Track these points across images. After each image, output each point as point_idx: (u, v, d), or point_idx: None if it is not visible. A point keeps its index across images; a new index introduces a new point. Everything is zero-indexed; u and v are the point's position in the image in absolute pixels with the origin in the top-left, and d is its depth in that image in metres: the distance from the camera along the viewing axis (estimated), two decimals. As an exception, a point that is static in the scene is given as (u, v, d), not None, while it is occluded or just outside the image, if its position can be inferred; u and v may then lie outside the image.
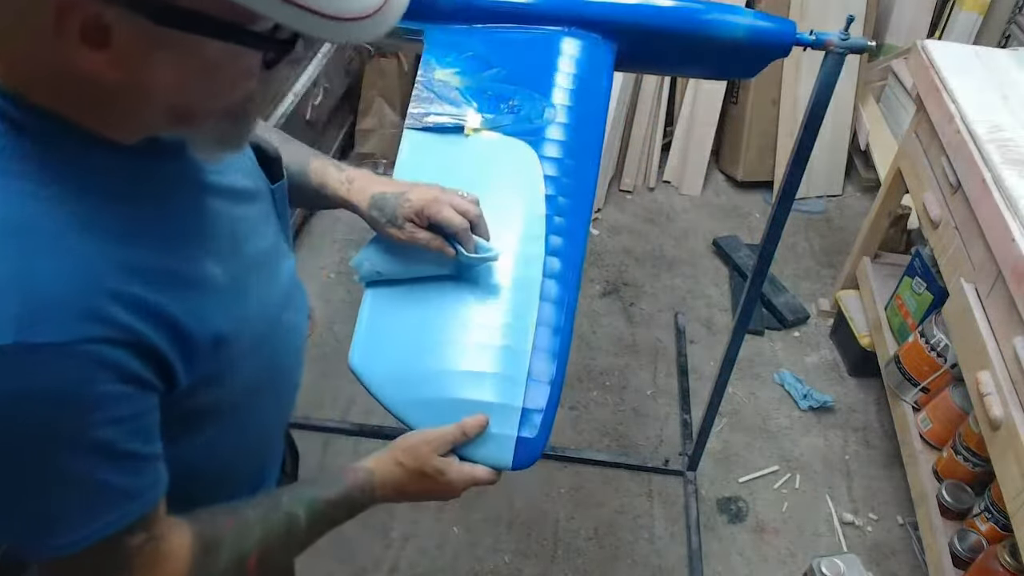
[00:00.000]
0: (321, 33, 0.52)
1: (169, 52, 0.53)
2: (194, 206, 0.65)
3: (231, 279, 0.66)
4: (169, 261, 0.60)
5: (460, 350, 0.93)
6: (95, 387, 0.55)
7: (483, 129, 1.11)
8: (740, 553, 1.90)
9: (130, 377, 0.57)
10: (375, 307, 0.97)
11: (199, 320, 0.62)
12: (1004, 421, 1.46)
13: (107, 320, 0.55)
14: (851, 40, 1.25)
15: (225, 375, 0.66)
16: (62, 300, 0.53)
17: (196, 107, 0.58)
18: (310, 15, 0.50)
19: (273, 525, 0.75)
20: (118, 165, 0.59)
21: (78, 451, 0.56)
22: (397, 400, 0.90)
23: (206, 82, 0.56)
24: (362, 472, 0.84)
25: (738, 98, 2.91)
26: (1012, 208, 1.54)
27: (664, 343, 2.40)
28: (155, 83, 0.54)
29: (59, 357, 0.53)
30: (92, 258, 0.55)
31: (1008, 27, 2.79)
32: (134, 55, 0.52)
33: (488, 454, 0.87)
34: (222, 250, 0.66)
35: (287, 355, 0.79)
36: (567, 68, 1.19)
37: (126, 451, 0.59)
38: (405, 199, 0.93)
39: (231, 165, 0.70)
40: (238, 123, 0.62)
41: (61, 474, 0.56)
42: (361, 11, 0.52)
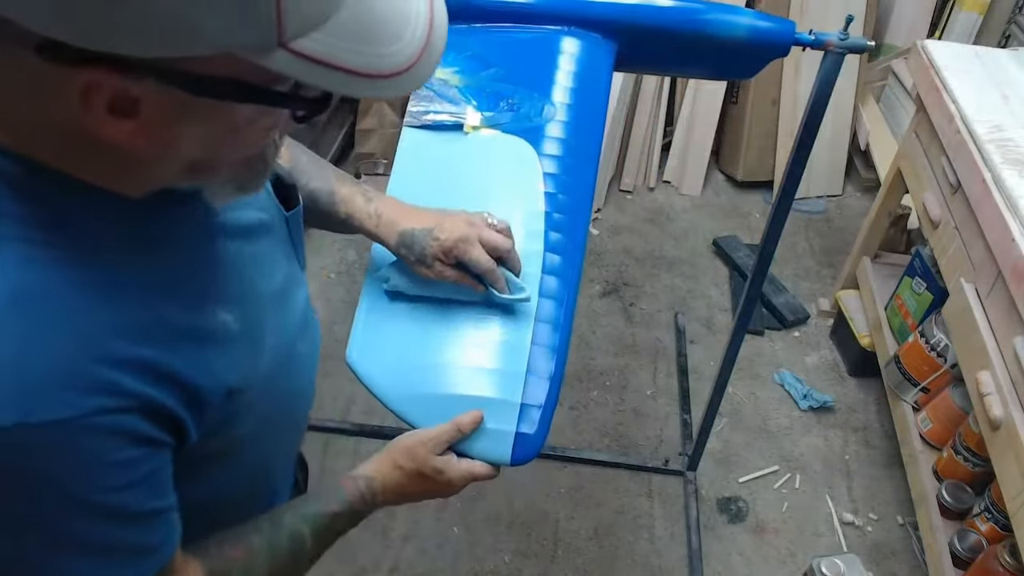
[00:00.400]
0: (354, 91, 0.50)
1: (198, 117, 0.51)
2: (203, 251, 0.63)
3: (245, 324, 0.64)
4: (177, 316, 0.58)
5: (458, 346, 0.93)
6: (106, 456, 0.54)
7: (482, 127, 1.11)
8: (740, 553, 1.90)
9: (141, 440, 0.56)
10: (372, 303, 0.97)
11: (210, 375, 0.60)
12: (1004, 421, 1.46)
13: (113, 389, 0.53)
14: (850, 40, 1.25)
15: (237, 419, 0.65)
16: (64, 375, 0.51)
17: (216, 161, 0.56)
18: (345, 74, 0.48)
19: (280, 549, 0.74)
20: (123, 217, 0.56)
21: (94, 519, 0.56)
22: (394, 396, 0.90)
23: (232, 140, 0.55)
24: (361, 480, 0.84)
25: (738, 98, 2.91)
26: (1012, 208, 1.54)
27: (664, 343, 2.40)
28: (180, 146, 0.53)
29: (65, 433, 0.52)
30: (95, 324, 0.53)
31: (1008, 27, 2.79)
32: (162, 122, 0.50)
33: (487, 450, 0.87)
34: (235, 295, 0.64)
35: (300, 385, 0.78)
36: (567, 67, 1.19)
37: (141, 511, 0.58)
38: (433, 238, 0.90)
39: (244, 200, 0.67)
40: (256, 169, 0.60)
41: (77, 543, 0.56)
42: (396, 67, 0.50)
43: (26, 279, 0.51)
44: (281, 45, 0.46)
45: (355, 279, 2.43)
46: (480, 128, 1.11)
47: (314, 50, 0.47)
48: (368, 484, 0.84)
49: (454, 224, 0.91)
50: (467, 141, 1.11)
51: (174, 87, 0.47)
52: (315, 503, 0.80)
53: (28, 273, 0.51)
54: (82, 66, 0.46)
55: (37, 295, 0.51)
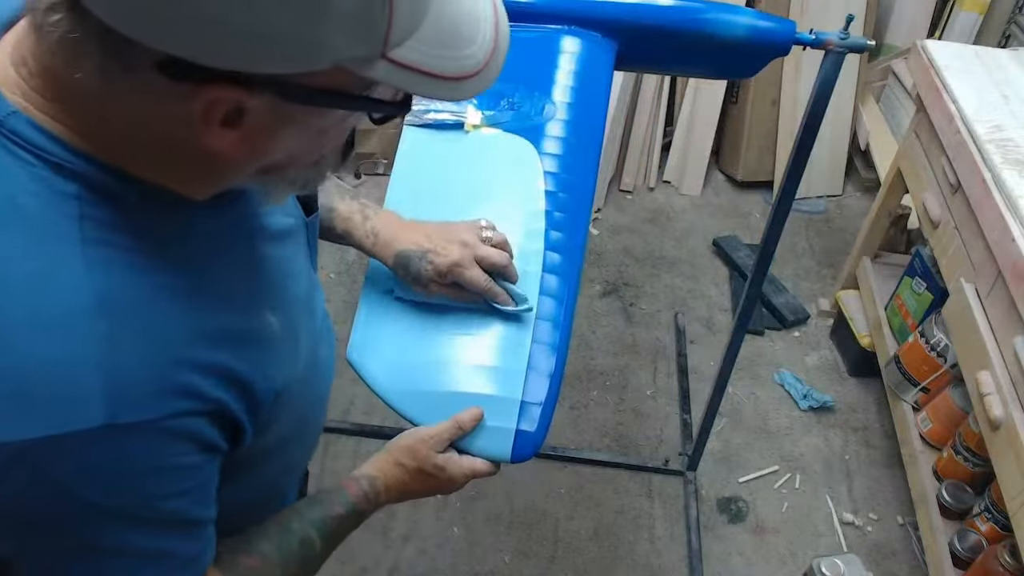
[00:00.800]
0: (438, 93, 0.53)
1: (294, 124, 0.53)
2: (250, 255, 0.64)
3: (285, 327, 0.65)
4: (236, 319, 0.59)
5: (459, 343, 0.93)
6: (173, 460, 0.55)
7: (483, 126, 1.12)
8: (740, 553, 1.90)
9: (206, 446, 0.57)
10: (372, 302, 0.97)
11: (265, 377, 0.61)
12: (1004, 421, 1.46)
13: (192, 392, 0.54)
14: (851, 39, 1.25)
15: (272, 425, 0.65)
16: (149, 377, 0.52)
17: (290, 163, 0.58)
18: (428, 78, 0.51)
19: (292, 555, 0.74)
20: (188, 223, 0.58)
21: (149, 523, 0.56)
22: (395, 393, 0.90)
23: (316, 144, 0.57)
24: (364, 480, 0.84)
25: (738, 98, 2.91)
26: (1012, 208, 1.54)
27: (664, 343, 2.40)
28: (272, 151, 0.54)
29: (146, 434, 0.53)
30: (176, 328, 0.54)
31: (1008, 27, 2.79)
32: (262, 131, 0.52)
33: (487, 446, 0.87)
34: (275, 298, 0.65)
35: (322, 390, 0.79)
36: (567, 66, 1.19)
37: (190, 519, 0.59)
38: (428, 261, 0.91)
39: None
40: (322, 169, 0.62)
41: (130, 547, 0.56)
42: (472, 69, 0.53)
43: (112, 283, 0.52)
44: (382, 56, 0.49)
45: (355, 279, 2.43)
46: (481, 127, 1.12)
47: (408, 58, 0.50)
48: (371, 484, 0.84)
49: (448, 247, 0.92)
50: (468, 140, 1.11)
51: (286, 99, 0.50)
52: (320, 506, 0.80)
53: (114, 277, 0.52)
54: (207, 84, 0.47)
55: (122, 299, 0.52)
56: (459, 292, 0.94)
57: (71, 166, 0.52)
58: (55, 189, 0.52)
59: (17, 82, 0.52)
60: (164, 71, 0.47)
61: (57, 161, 0.52)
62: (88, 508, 0.53)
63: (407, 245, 0.92)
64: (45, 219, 0.51)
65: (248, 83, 0.48)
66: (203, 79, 0.47)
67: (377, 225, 0.93)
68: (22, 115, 0.52)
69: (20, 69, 0.52)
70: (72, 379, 0.50)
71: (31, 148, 0.51)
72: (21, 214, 0.51)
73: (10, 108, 0.52)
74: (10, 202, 0.51)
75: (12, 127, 0.51)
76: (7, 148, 0.51)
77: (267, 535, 0.74)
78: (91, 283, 0.51)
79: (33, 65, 0.51)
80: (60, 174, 0.52)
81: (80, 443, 0.50)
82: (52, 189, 0.52)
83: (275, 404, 0.63)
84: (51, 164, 0.52)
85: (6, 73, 0.52)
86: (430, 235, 0.93)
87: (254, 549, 0.72)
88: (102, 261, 0.52)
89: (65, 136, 0.52)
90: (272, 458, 0.71)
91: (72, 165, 0.52)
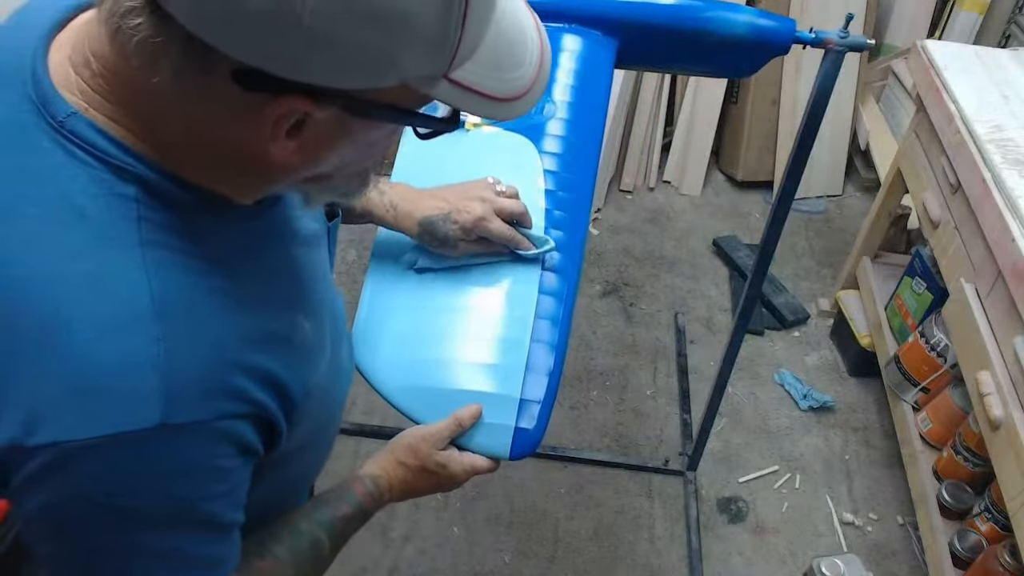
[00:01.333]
0: (489, 113, 0.55)
1: (349, 136, 0.54)
2: (285, 259, 0.65)
3: (315, 330, 0.66)
4: (274, 322, 0.60)
5: (459, 341, 0.93)
6: (217, 462, 0.56)
7: (483, 124, 1.12)
8: (740, 553, 1.90)
9: (245, 449, 0.58)
10: (374, 298, 0.97)
11: (300, 381, 0.62)
12: (1004, 421, 1.46)
13: (240, 395, 0.55)
14: (850, 38, 1.25)
15: (297, 428, 0.65)
16: (203, 378, 0.53)
17: (335, 173, 0.59)
18: (481, 98, 0.53)
19: (304, 556, 0.75)
20: (235, 227, 0.59)
21: (187, 524, 0.57)
22: (395, 390, 0.91)
23: (364, 156, 0.59)
24: (368, 480, 0.84)
25: (738, 98, 2.91)
26: (1012, 208, 1.53)
27: (664, 343, 2.40)
28: (324, 160, 0.55)
29: (196, 435, 0.53)
30: (226, 331, 0.55)
31: (1008, 27, 2.79)
32: (319, 142, 0.53)
33: (486, 444, 0.88)
34: (307, 301, 0.66)
35: (341, 395, 0.79)
36: (568, 64, 1.19)
37: (224, 522, 0.59)
38: (452, 221, 0.94)
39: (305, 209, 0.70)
40: (365, 179, 0.63)
41: (167, 548, 0.57)
42: (520, 90, 0.55)
43: (168, 285, 0.52)
44: (444, 76, 0.51)
45: (355, 279, 2.43)
46: (481, 125, 1.12)
47: (466, 79, 0.52)
48: (375, 483, 0.85)
49: (469, 204, 0.94)
50: (468, 138, 1.11)
51: (349, 113, 0.51)
52: (327, 507, 0.80)
53: (170, 279, 0.52)
54: (280, 96, 0.48)
55: (178, 301, 0.52)
56: (486, 246, 0.97)
57: (130, 168, 0.52)
58: (114, 191, 0.52)
59: (78, 83, 0.52)
60: (240, 81, 0.47)
61: (117, 163, 0.52)
62: (135, 507, 0.53)
63: (429, 211, 0.94)
64: (104, 221, 0.52)
65: (319, 96, 0.49)
66: (277, 91, 0.48)
67: (394, 198, 0.95)
68: (82, 116, 0.52)
69: (82, 71, 0.52)
70: (131, 379, 0.51)
71: (91, 150, 0.52)
72: (80, 215, 0.51)
73: (70, 109, 0.52)
74: (69, 202, 0.51)
75: (72, 128, 0.52)
76: (66, 149, 0.52)
77: (278, 538, 0.74)
78: (149, 285, 0.51)
79: (98, 67, 0.52)
80: (119, 176, 0.52)
81: (135, 443, 0.51)
82: (111, 191, 0.52)
83: (303, 407, 0.64)
84: (111, 166, 0.52)
85: (66, 74, 0.53)
86: (447, 197, 0.96)
87: (267, 552, 0.72)
88: (159, 263, 0.52)
89: (125, 139, 0.53)
90: (293, 461, 0.71)
91: (131, 168, 0.52)
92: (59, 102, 0.52)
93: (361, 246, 2.53)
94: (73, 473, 0.51)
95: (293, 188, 0.60)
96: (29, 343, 0.50)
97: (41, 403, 0.50)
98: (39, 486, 0.52)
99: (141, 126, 0.53)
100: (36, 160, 0.52)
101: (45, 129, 0.52)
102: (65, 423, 0.50)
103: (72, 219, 0.51)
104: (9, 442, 0.51)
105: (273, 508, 0.76)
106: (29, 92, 0.53)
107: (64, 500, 0.52)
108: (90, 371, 0.50)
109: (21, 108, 0.53)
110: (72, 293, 0.50)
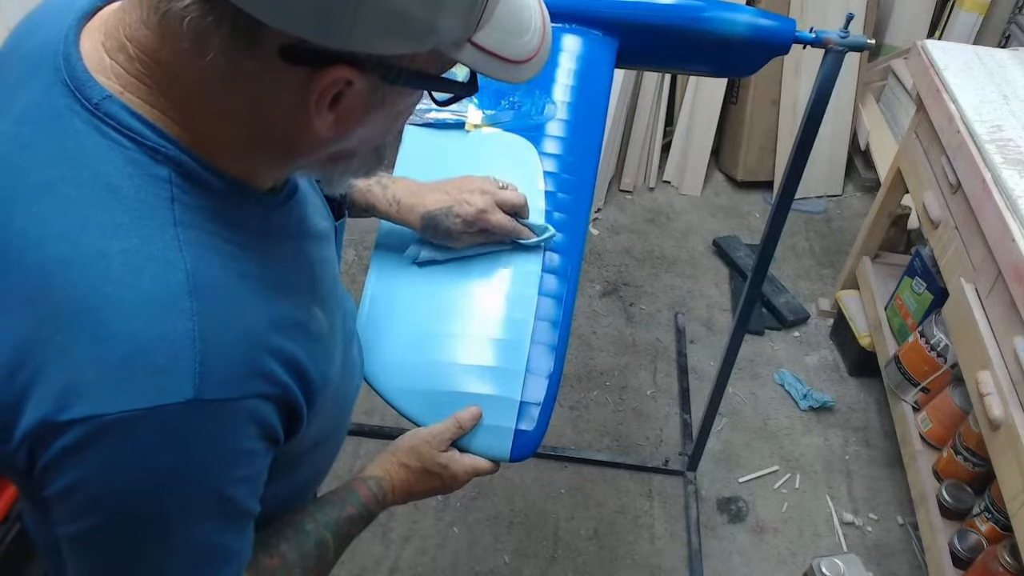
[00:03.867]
0: (506, 75, 0.58)
1: (379, 107, 0.55)
2: (303, 251, 0.66)
3: (329, 324, 0.66)
4: (295, 310, 0.61)
5: (459, 343, 0.94)
6: (243, 443, 0.56)
7: (483, 125, 1.12)
8: (740, 553, 1.90)
9: (268, 434, 0.58)
10: (375, 300, 0.97)
11: (319, 370, 0.62)
12: (1004, 421, 1.46)
13: (268, 375, 0.56)
14: (850, 38, 1.25)
15: (311, 421, 0.66)
16: (236, 356, 0.54)
17: (358, 148, 0.60)
18: (499, 61, 0.56)
19: (309, 557, 0.75)
20: (260, 215, 0.60)
21: (211, 508, 0.57)
22: (396, 392, 0.91)
23: (389, 126, 0.60)
24: (372, 481, 0.85)
25: (738, 98, 2.91)
26: (1012, 208, 1.54)
27: (664, 343, 2.40)
28: (354, 133, 0.57)
29: (226, 412, 0.54)
30: (256, 313, 0.56)
31: (1008, 27, 2.79)
32: (353, 113, 0.54)
33: (487, 446, 0.88)
34: (321, 294, 0.66)
35: (352, 391, 0.80)
36: (568, 65, 1.19)
37: (243, 510, 0.59)
38: (454, 215, 0.95)
39: (315, 206, 0.71)
40: (381, 155, 0.64)
41: (188, 533, 0.56)
42: (530, 53, 0.58)
43: (201, 264, 0.53)
44: (468, 39, 0.54)
45: (355, 279, 2.43)
46: (481, 126, 1.12)
47: (486, 42, 0.55)
48: (378, 484, 0.85)
49: (470, 197, 0.96)
50: (469, 139, 1.11)
51: (386, 81, 0.53)
52: (332, 508, 0.80)
53: (203, 259, 0.53)
54: (328, 67, 0.50)
55: (211, 280, 0.53)
56: (487, 237, 0.98)
57: (164, 151, 0.53)
58: (149, 172, 0.53)
59: (113, 68, 0.53)
60: (287, 56, 0.49)
61: (152, 145, 0.53)
62: (162, 487, 0.53)
63: (432, 205, 0.96)
64: (139, 200, 0.52)
65: (362, 66, 0.50)
66: (323, 63, 0.49)
67: (397, 192, 0.96)
68: (116, 99, 0.53)
69: (117, 55, 0.53)
70: (165, 354, 0.51)
71: (125, 131, 0.53)
72: (116, 194, 0.52)
73: (105, 92, 0.53)
74: (104, 182, 0.52)
75: (107, 110, 0.53)
76: (101, 131, 0.53)
77: (284, 537, 0.74)
78: (184, 262, 0.52)
79: (134, 51, 0.53)
80: (153, 158, 0.53)
81: (167, 417, 0.51)
82: (146, 172, 0.53)
83: (321, 396, 0.64)
84: (145, 148, 0.53)
85: (100, 59, 0.54)
86: (449, 191, 0.97)
87: (273, 549, 0.72)
88: (192, 243, 0.53)
89: (159, 121, 0.54)
90: (306, 457, 0.72)
91: (165, 149, 0.53)
92: (94, 86, 0.53)
93: (361, 246, 2.53)
94: (105, 447, 0.51)
95: (314, 168, 0.61)
96: (65, 320, 0.51)
97: (75, 379, 0.50)
98: (70, 461, 0.52)
99: (177, 110, 0.54)
100: (71, 142, 0.53)
101: (79, 112, 0.53)
102: (98, 397, 0.50)
103: (108, 198, 0.52)
104: (41, 419, 0.51)
105: (279, 510, 0.76)
106: (63, 77, 0.54)
107: (93, 475, 0.52)
108: (125, 346, 0.50)
109: (54, 92, 0.54)
110: (109, 270, 0.51)
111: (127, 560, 0.56)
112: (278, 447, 0.61)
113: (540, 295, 0.97)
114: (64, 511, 0.54)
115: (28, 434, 0.52)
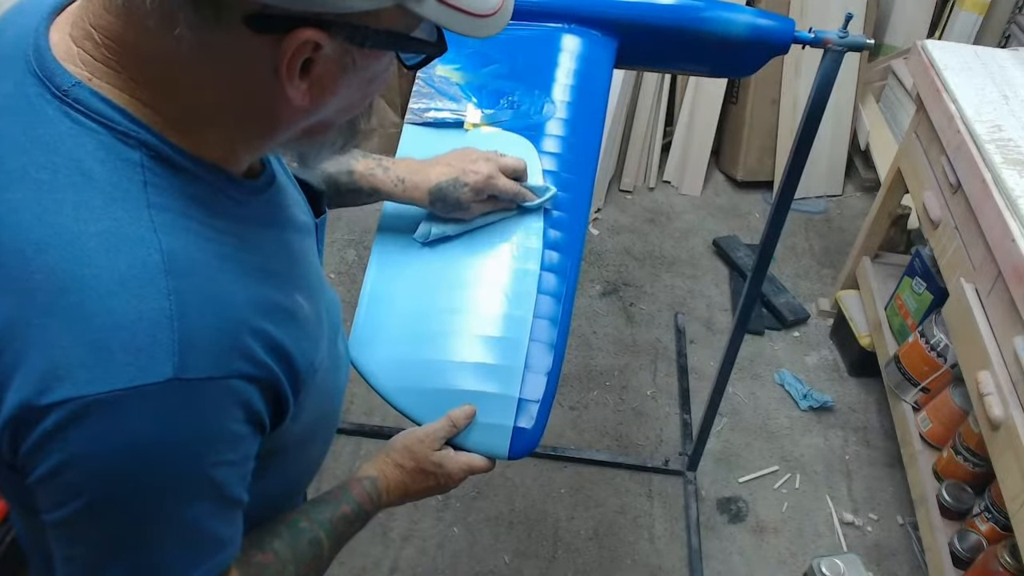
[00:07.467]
0: (466, 30, 0.57)
1: (350, 72, 0.56)
2: (284, 240, 0.66)
3: (314, 312, 0.67)
4: (276, 295, 0.61)
5: (458, 340, 0.93)
6: (227, 424, 0.56)
7: (483, 124, 1.12)
8: (740, 553, 1.90)
9: (253, 418, 0.58)
10: (373, 298, 0.97)
11: (305, 356, 0.62)
12: (1004, 421, 1.46)
13: (249, 356, 0.56)
14: (850, 38, 1.25)
15: (299, 411, 0.66)
16: (216, 335, 0.54)
17: (333, 120, 0.60)
18: (462, 15, 0.55)
19: (304, 555, 0.75)
20: (234, 204, 0.60)
21: (197, 490, 0.56)
22: (394, 391, 0.91)
23: (365, 93, 0.60)
24: (367, 482, 0.85)
25: (738, 98, 2.91)
26: (1012, 208, 1.53)
27: (664, 343, 2.40)
28: (329, 103, 0.57)
29: (208, 392, 0.54)
30: (235, 294, 0.56)
31: (1008, 27, 2.79)
32: (328, 79, 0.55)
33: (485, 443, 0.88)
34: (303, 283, 0.67)
35: (340, 384, 0.80)
36: (567, 64, 1.19)
37: (231, 497, 0.59)
38: (462, 184, 0.96)
39: (294, 199, 0.71)
40: (357, 128, 0.64)
41: (174, 514, 0.56)
42: (492, 8, 0.58)
43: (176, 244, 0.53)
44: None
45: (355, 279, 2.43)
46: (481, 125, 1.12)
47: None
48: (373, 484, 0.85)
49: (475, 165, 0.97)
50: (467, 138, 1.11)
51: (352, 43, 0.53)
52: (326, 507, 0.80)
53: (178, 240, 0.54)
54: (293, 31, 0.50)
55: (187, 260, 0.54)
56: (494, 204, 1.00)
57: (135, 135, 0.54)
58: (121, 156, 0.54)
59: (80, 56, 0.54)
60: (251, 24, 0.49)
61: (122, 130, 0.54)
62: (146, 466, 0.53)
63: (438, 178, 0.96)
64: (112, 184, 0.53)
65: (328, 27, 0.51)
66: (288, 28, 0.50)
67: (400, 172, 0.97)
68: (85, 86, 0.54)
69: (84, 43, 0.54)
70: (143, 334, 0.51)
71: (96, 117, 0.53)
72: (89, 178, 0.53)
73: (73, 80, 0.54)
74: (77, 167, 0.53)
75: (76, 96, 0.53)
76: (72, 117, 0.53)
77: (277, 534, 0.74)
78: (158, 243, 0.53)
79: (101, 38, 0.54)
80: (125, 142, 0.54)
81: (147, 397, 0.51)
82: (118, 157, 0.54)
83: (308, 384, 0.64)
84: (116, 132, 0.54)
85: (68, 48, 0.55)
86: (452, 163, 0.98)
87: (266, 546, 0.72)
88: (167, 225, 0.54)
89: (129, 106, 0.54)
90: (295, 452, 0.72)
91: (136, 134, 0.54)
92: (63, 74, 0.54)
93: (361, 246, 2.53)
94: (86, 428, 0.51)
95: (291, 146, 0.61)
96: (43, 304, 0.51)
97: (55, 362, 0.51)
98: (53, 445, 0.52)
99: (148, 92, 0.54)
100: (43, 129, 0.53)
101: (50, 100, 0.54)
102: (78, 379, 0.50)
103: (81, 182, 0.53)
104: (21, 403, 0.51)
105: (270, 508, 0.76)
106: (33, 68, 0.54)
107: (77, 457, 0.52)
108: (103, 327, 0.51)
109: (26, 83, 0.54)
110: (84, 252, 0.51)
111: (113, 544, 0.56)
112: (265, 434, 0.61)
113: (539, 293, 0.97)
114: (50, 496, 0.54)
115: (10, 419, 0.52)
